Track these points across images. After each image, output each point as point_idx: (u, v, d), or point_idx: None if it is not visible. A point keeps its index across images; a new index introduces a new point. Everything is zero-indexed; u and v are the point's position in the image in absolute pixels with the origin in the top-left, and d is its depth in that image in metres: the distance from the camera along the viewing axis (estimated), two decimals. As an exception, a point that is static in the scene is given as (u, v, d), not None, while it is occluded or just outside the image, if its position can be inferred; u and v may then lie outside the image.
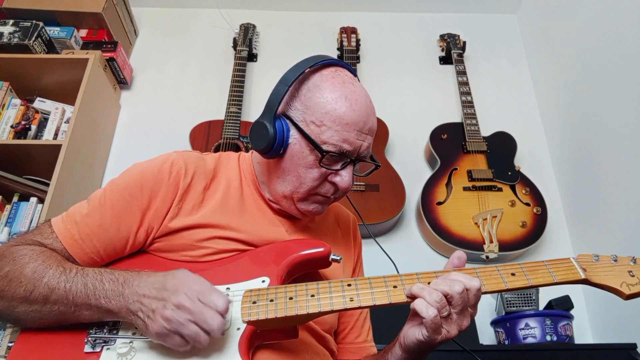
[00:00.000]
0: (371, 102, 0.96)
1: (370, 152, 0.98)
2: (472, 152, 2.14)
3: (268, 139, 0.91)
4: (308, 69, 0.94)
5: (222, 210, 0.95)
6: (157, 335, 0.78)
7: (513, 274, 0.85)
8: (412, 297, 0.82)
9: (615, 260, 0.87)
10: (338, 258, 0.93)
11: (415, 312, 0.82)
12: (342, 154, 0.91)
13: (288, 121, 0.94)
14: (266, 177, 1.00)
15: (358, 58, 2.54)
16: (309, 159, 0.92)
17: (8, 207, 1.91)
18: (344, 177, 0.94)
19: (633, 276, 0.84)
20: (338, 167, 0.93)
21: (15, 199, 1.93)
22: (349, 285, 0.85)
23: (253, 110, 2.37)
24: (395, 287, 0.84)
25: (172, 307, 0.77)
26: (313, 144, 0.90)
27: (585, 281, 0.85)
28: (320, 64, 0.95)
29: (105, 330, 0.84)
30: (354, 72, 0.99)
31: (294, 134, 0.93)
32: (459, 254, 0.88)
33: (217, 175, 1.00)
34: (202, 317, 0.77)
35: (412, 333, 0.84)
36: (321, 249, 0.92)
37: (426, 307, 0.79)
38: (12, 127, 2.02)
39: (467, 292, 0.80)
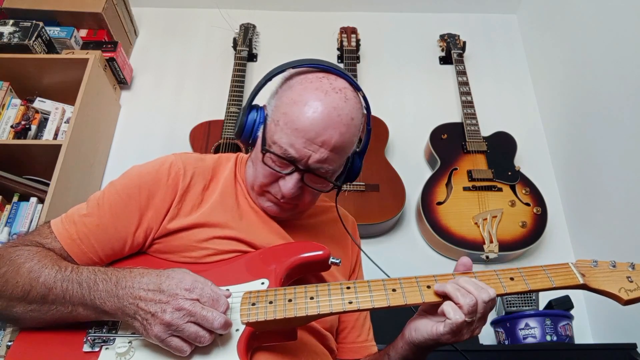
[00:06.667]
0: (340, 117, 0.89)
1: (331, 169, 0.93)
2: (472, 152, 2.14)
3: (238, 125, 0.95)
4: (292, 68, 0.95)
5: (220, 208, 0.96)
6: (155, 338, 0.77)
7: (512, 279, 0.85)
8: (440, 295, 0.82)
9: (614, 266, 0.87)
10: (337, 261, 0.92)
11: (433, 308, 0.83)
12: (287, 158, 0.90)
13: (265, 114, 0.96)
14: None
15: (358, 58, 2.53)
16: (261, 155, 0.94)
17: (8, 207, 1.91)
18: (286, 183, 0.92)
19: (632, 282, 0.84)
20: (286, 171, 0.92)
21: (15, 199, 1.93)
22: (348, 288, 0.85)
23: (253, 110, 2.36)
24: (394, 290, 0.84)
25: (171, 311, 0.76)
26: (262, 141, 0.93)
27: (583, 286, 0.85)
28: (310, 66, 0.94)
29: (104, 330, 0.84)
30: (353, 84, 0.94)
31: (262, 127, 0.95)
32: (465, 261, 0.88)
33: (216, 176, 1.00)
34: (202, 317, 0.77)
35: (425, 326, 0.83)
36: (320, 252, 0.91)
37: (454, 310, 0.79)
38: (12, 127, 2.02)
39: (490, 302, 0.80)
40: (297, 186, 0.92)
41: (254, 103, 0.99)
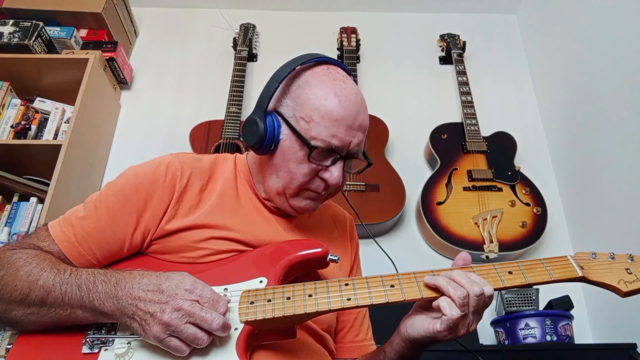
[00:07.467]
0: (362, 99, 0.97)
1: (362, 149, 0.99)
2: (472, 152, 2.14)
3: (259, 134, 0.93)
4: (299, 66, 0.96)
5: (218, 210, 0.95)
6: (154, 339, 0.77)
7: (510, 272, 0.85)
8: (431, 288, 0.82)
9: (613, 258, 0.87)
10: (336, 258, 0.92)
11: (429, 304, 0.82)
12: (331, 149, 0.93)
13: (279, 118, 0.95)
14: (261, 175, 1.01)
15: (358, 58, 2.53)
16: (299, 154, 0.93)
17: (8, 207, 1.91)
18: (333, 173, 0.95)
19: (630, 273, 0.84)
20: (328, 162, 0.94)
21: (15, 199, 1.93)
22: (347, 284, 0.85)
23: (253, 110, 2.37)
24: (392, 286, 0.83)
25: (170, 311, 0.76)
26: (302, 140, 0.92)
27: (582, 279, 0.85)
28: (312, 61, 0.97)
29: (103, 331, 0.84)
30: (347, 71, 1.00)
31: (284, 130, 0.94)
32: (464, 255, 0.88)
33: (214, 176, 1.00)
34: (201, 318, 0.77)
35: (422, 323, 0.83)
36: (319, 250, 0.91)
37: (450, 306, 0.78)
38: (12, 127, 2.02)
39: (484, 296, 0.80)
40: (342, 173, 0.96)
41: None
